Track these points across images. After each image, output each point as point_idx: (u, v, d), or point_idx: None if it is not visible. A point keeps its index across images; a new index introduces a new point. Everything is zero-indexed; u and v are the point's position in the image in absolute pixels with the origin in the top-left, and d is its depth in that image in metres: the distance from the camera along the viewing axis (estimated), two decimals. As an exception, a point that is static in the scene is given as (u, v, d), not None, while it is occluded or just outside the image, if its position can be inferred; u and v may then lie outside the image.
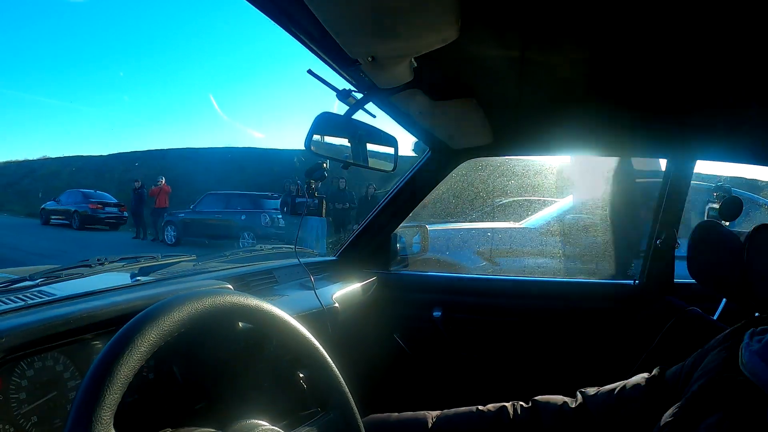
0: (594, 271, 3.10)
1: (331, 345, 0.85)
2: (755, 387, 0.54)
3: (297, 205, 1.36)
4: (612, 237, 2.10)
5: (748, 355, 0.58)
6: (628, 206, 1.97)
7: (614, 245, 2.05)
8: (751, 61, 0.82)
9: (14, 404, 0.63)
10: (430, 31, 0.73)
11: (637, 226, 1.89)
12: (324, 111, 1.06)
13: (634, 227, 1.92)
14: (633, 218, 1.94)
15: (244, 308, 0.67)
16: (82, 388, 0.49)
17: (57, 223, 14.23)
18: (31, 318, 0.69)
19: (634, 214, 1.94)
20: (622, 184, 1.98)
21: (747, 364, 0.57)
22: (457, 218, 3.97)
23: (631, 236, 1.93)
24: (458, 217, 3.99)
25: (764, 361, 0.55)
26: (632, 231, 1.94)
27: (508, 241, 3.70)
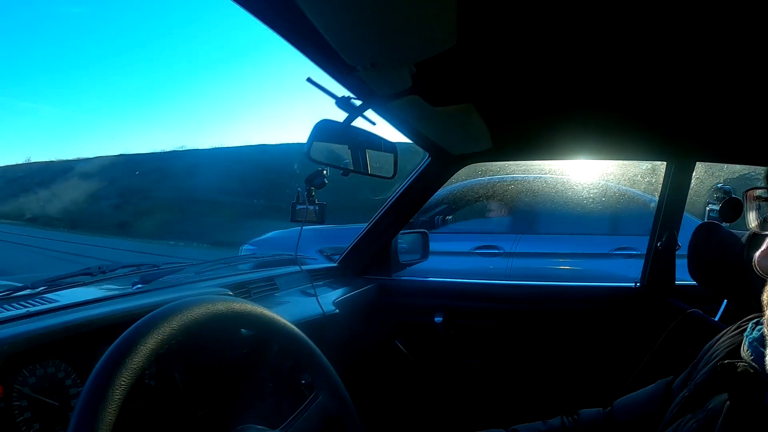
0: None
1: (333, 351, 0.85)
2: (756, 373, 0.57)
3: (297, 212, 1.36)
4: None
5: (749, 343, 0.60)
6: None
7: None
8: (749, 61, 0.82)
9: (16, 411, 0.63)
10: (428, 37, 0.74)
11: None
12: (323, 118, 1.07)
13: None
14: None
15: (242, 314, 0.67)
16: (83, 396, 0.49)
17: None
18: (33, 326, 0.69)
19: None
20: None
21: (747, 352, 0.60)
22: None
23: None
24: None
25: (763, 347, 0.58)
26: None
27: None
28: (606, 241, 3.40)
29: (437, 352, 1.75)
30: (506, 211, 3.77)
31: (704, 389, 0.65)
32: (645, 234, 3.30)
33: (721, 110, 1.11)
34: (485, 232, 3.71)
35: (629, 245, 3.30)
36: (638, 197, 3.54)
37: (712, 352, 0.71)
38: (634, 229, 3.41)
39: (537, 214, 3.68)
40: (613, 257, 3.31)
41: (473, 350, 1.73)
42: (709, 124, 1.23)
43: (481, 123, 1.24)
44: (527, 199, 3.71)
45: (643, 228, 3.37)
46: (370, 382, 1.70)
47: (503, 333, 1.70)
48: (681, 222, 1.60)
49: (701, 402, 0.64)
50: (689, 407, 0.66)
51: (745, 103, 1.04)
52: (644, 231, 3.32)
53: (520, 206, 3.73)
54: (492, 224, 3.81)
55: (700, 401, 0.64)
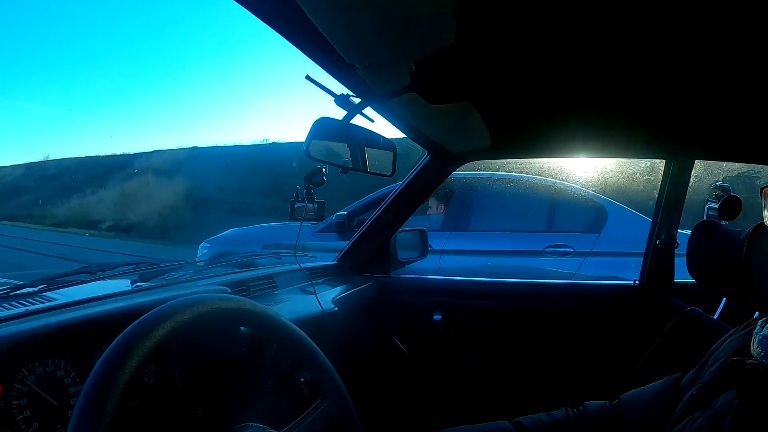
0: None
1: (332, 349, 0.85)
2: (766, 370, 0.57)
3: (296, 209, 1.36)
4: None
5: (759, 339, 0.61)
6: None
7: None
8: (748, 59, 0.82)
9: (15, 410, 0.63)
10: (427, 35, 0.74)
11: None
12: (322, 116, 1.07)
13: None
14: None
15: (242, 312, 0.67)
16: (82, 394, 0.49)
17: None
18: (32, 324, 0.69)
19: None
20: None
21: (757, 349, 0.60)
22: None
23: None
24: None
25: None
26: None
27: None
28: (540, 238, 3.33)
29: (436, 350, 1.75)
30: (437, 208, 3.67)
31: (712, 387, 0.65)
32: (580, 231, 3.30)
33: (720, 108, 1.11)
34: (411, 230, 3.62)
35: (564, 242, 3.25)
36: (576, 193, 3.48)
37: (720, 351, 0.71)
38: (570, 226, 3.36)
39: (469, 210, 3.60)
40: (547, 255, 3.24)
41: (472, 348, 1.73)
42: (709, 122, 1.23)
43: (480, 121, 1.24)
44: (460, 195, 3.63)
45: (578, 225, 3.34)
46: (369, 379, 1.71)
47: (502, 331, 1.70)
48: (680, 220, 1.60)
49: (709, 400, 0.64)
50: (697, 405, 0.66)
51: (744, 101, 1.04)
52: (580, 228, 3.31)
53: (452, 203, 3.63)
54: (428, 222, 3.67)
55: (708, 399, 0.64)
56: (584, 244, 3.23)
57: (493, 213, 3.61)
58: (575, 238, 3.25)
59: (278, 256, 1.58)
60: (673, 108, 1.14)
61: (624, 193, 3.53)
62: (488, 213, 3.61)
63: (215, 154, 17.27)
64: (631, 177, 3.48)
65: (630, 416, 0.85)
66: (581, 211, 3.40)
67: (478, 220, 3.58)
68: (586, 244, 3.22)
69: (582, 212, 3.40)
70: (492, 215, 3.60)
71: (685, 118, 1.21)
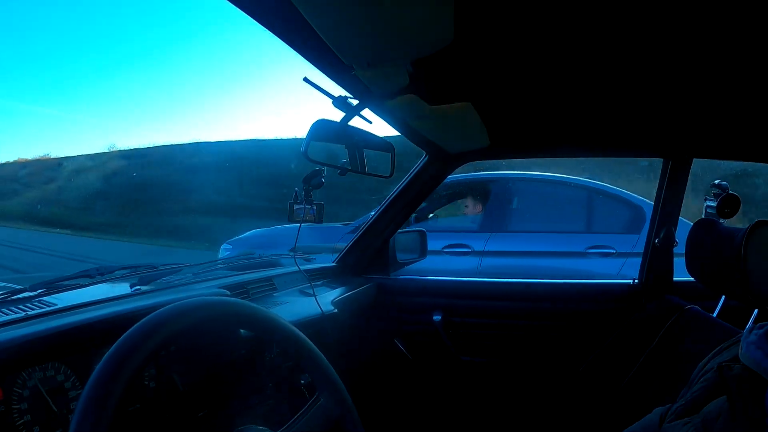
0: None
1: (332, 351, 0.85)
2: (754, 373, 0.58)
3: (295, 211, 1.36)
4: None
5: (746, 345, 0.61)
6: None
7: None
8: (746, 57, 0.82)
9: (16, 414, 0.63)
10: (425, 36, 0.74)
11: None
12: (320, 118, 1.07)
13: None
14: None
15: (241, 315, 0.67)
16: (83, 398, 0.49)
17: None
18: (32, 329, 0.69)
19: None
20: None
21: (745, 354, 0.61)
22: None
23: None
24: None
25: (759, 348, 0.58)
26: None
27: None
28: (580, 239, 3.34)
29: (436, 351, 1.75)
30: (478, 209, 3.70)
31: (701, 397, 0.65)
32: (621, 232, 3.30)
33: (718, 107, 1.12)
34: (455, 230, 3.63)
35: (605, 243, 3.26)
36: (612, 193, 3.48)
37: (710, 365, 0.71)
38: (610, 227, 3.36)
39: (509, 211, 3.61)
40: (588, 256, 3.26)
41: (472, 348, 1.73)
42: (706, 120, 1.23)
43: (479, 121, 1.24)
44: (498, 196, 3.64)
45: (619, 226, 3.34)
46: (369, 381, 1.70)
47: (502, 331, 1.70)
48: (678, 219, 1.60)
49: (697, 408, 0.64)
50: (687, 412, 0.66)
51: (741, 99, 1.05)
52: (620, 229, 3.31)
53: (492, 204, 3.65)
54: (465, 222, 3.74)
55: (698, 407, 0.64)
56: (624, 244, 3.21)
57: (532, 214, 3.62)
58: (615, 239, 3.24)
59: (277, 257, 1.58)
60: (670, 107, 1.14)
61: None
62: (527, 214, 3.63)
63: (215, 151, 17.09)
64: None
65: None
66: (620, 212, 3.40)
67: (517, 220, 3.59)
68: (627, 245, 3.20)
69: (620, 213, 3.40)
70: (531, 216, 3.61)
71: (683, 116, 1.22)
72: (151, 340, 0.54)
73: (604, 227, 3.37)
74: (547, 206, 3.61)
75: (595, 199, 3.48)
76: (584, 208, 3.46)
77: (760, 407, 0.55)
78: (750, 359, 0.59)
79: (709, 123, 1.26)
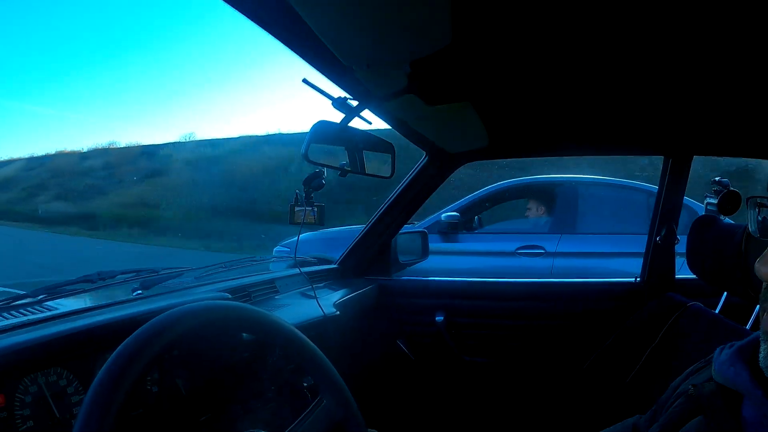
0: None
1: (334, 353, 0.85)
2: (728, 390, 0.58)
3: (295, 214, 1.36)
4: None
5: (718, 365, 0.61)
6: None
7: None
8: (745, 55, 0.82)
9: (18, 420, 0.63)
10: (423, 36, 0.74)
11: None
12: (320, 120, 1.07)
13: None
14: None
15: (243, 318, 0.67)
16: (86, 403, 0.49)
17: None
18: (34, 334, 0.69)
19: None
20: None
21: (718, 373, 0.61)
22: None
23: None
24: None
25: (732, 365, 0.59)
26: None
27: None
28: (644, 240, 3.42)
29: (439, 352, 1.75)
30: (544, 211, 3.83)
31: (675, 420, 0.65)
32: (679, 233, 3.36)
33: (718, 104, 1.11)
34: (527, 232, 3.76)
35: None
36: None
37: (682, 388, 0.71)
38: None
39: (576, 214, 3.74)
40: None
41: (474, 348, 1.73)
42: (707, 117, 1.23)
43: (478, 121, 1.24)
44: (566, 199, 3.78)
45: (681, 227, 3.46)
46: (371, 382, 1.70)
47: (504, 331, 1.70)
48: (680, 216, 1.60)
49: (676, 427, 0.64)
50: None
51: (742, 96, 1.05)
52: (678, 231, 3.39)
53: (560, 207, 3.78)
54: (531, 225, 3.87)
55: (676, 427, 0.64)
56: (682, 245, 3.24)
57: (597, 216, 3.75)
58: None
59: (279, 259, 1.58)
60: (670, 104, 1.14)
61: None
62: (593, 216, 3.75)
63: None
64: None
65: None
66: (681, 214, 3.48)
67: (584, 222, 3.72)
68: (683, 246, 3.23)
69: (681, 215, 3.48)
70: (597, 218, 3.73)
71: (683, 114, 1.22)
72: (153, 344, 0.54)
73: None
74: (611, 209, 3.76)
75: (653, 201, 3.57)
76: (645, 209, 3.55)
77: (737, 421, 0.55)
78: (723, 377, 0.59)
79: (709, 120, 1.25)
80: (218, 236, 10.88)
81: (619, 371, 1.45)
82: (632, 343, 1.47)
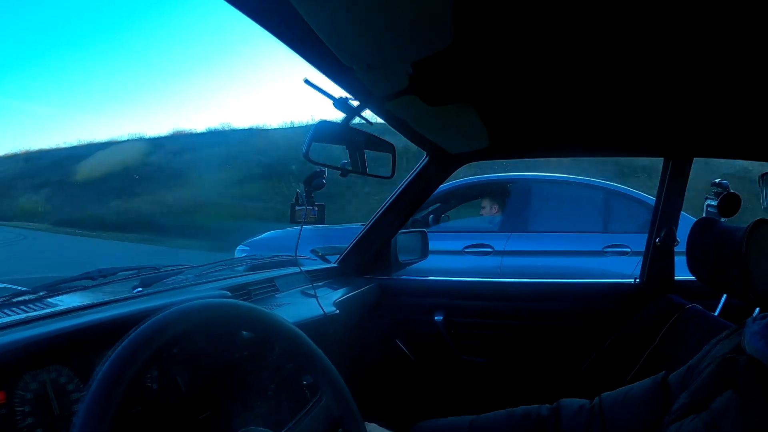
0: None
1: (334, 352, 0.85)
2: (759, 363, 0.57)
3: (296, 213, 1.36)
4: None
5: (750, 335, 0.61)
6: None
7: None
8: (745, 56, 0.83)
9: (18, 417, 0.63)
10: (425, 37, 0.74)
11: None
12: (321, 120, 1.07)
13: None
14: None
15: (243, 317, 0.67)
16: (86, 400, 0.49)
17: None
18: (35, 331, 0.69)
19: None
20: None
21: (749, 344, 0.61)
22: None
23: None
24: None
25: (763, 338, 0.58)
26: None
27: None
28: (598, 239, 3.41)
29: (438, 351, 1.75)
30: (498, 209, 3.77)
31: (707, 390, 0.65)
32: (636, 232, 3.33)
33: (718, 105, 1.12)
34: (476, 231, 3.70)
35: (621, 243, 3.31)
36: (628, 194, 3.56)
37: (713, 353, 0.71)
38: (626, 226, 3.43)
39: (528, 212, 3.68)
40: (606, 255, 3.32)
41: (474, 348, 1.73)
42: (707, 119, 1.23)
43: (479, 122, 1.25)
44: (519, 197, 3.72)
45: (635, 225, 3.38)
46: (371, 381, 1.71)
47: (503, 331, 1.70)
48: (679, 218, 1.60)
49: (705, 403, 0.63)
50: (693, 409, 0.66)
51: (742, 98, 1.05)
52: (636, 229, 3.35)
53: (511, 205, 3.72)
54: (483, 223, 3.81)
55: (704, 402, 0.64)
56: (641, 244, 3.24)
57: (550, 214, 3.69)
58: (632, 239, 3.28)
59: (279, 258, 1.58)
60: (670, 106, 1.14)
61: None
62: (546, 214, 3.70)
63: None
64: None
65: (613, 415, 0.84)
66: (635, 212, 3.46)
67: (537, 220, 3.66)
68: (643, 244, 3.23)
69: (636, 213, 3.46)
70: (550, 216, 3.68)
71: (683, 115, 1.22)
72: (153, 342, 0.54)
73: (620, 227, 3.46)
74: (565, 207, 3.70)
75: (610, 199, 3.56)
76: (601, 208, 3.55)
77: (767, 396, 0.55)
78: (754, 349, 0.59)
79: (709, 122, 1.26)
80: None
81: (618, 372, 1.45)
82: (631, 345, 1.47)
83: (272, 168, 12.76)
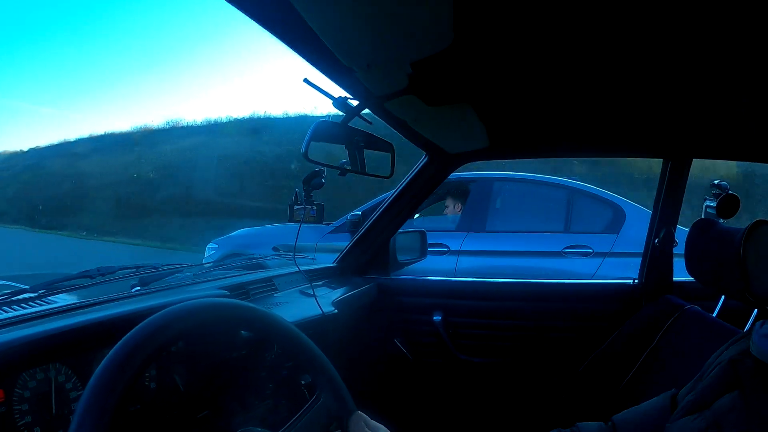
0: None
1: (332, 351, 0.85)
2: (766, 366, 0.57)
3: (295, 212, 1.36)
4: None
5: (758, 338, 0.61)
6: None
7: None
8: (745, 58, 0.83)
9: (17, 415, 0.64)
10: (424, 37, 0.74)
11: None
12: (320, 119, 1.07)
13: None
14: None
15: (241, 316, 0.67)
16: (84, 399, 0.49)
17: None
18: (33, 329, 0.69)
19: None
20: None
21: (757, 347, 0.61)
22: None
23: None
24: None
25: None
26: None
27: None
28: (559, 239, 3.34)
29: (436, 351, 1.75)
30: (461, 208, 3.68)
31: (712, 390, 0.65)
32: (599, 232, 3.29)
33: (717, 107, 1.12)
34: (434, 230, 3.51)
35: (583, 243, 3.26)
36: (593, 193, 3.49)
37: (721, 358, 0.71)
38: (590, 227, 3.37)
39: (487, 211, 3.59)
40: (566, 256, 3.26)
41: (472, 348, 1.74)
42: (706, 120, 1.23)
43: (478, 122, 1.25)
44: (477, 195, 3.62)
45: (598, 226, 3.34)
46: (369, 381, 1.71)
47: (502, 331, 1.71)
48: (678, 219, 1.61)
49: (708, 403, 0.64)
50: (695, 408, 0.66)
51: (741, 99, 1.05)
52: (599, 229, 3.30)
53: (471, 204, 3.62)
54: (442, 222, 3.73)
55: (707, 402, 0.64)
56: (603, 244, 3.23)
57: (510, 213, 3.61)
58: (594, 239, 3.25)
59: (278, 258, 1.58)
60: (670, 107, 1.14)
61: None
62: (506, 213, 3.62)
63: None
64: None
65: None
66: (599, 212, 3.41)
67: (496, 220, 3.58)
68: (605, 245, 3.22)
69: (600, 213, 3.41)
70: (510, 216, 3.60)
71: (683, 116, 1.22)
72: (152, 341, 0.54)
73: (582, 227, 3.38)
74: (526, 206, 3.62)
75: (574, 198, 3.48)
76: (563, 207, 3.46)
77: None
78: (762, 352, 0.59)
79: (709, 123, 1.26)
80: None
81: (616, 374, 1.45)
82: (629, 346, 1.47)
83: (271, 166, 12.66)
